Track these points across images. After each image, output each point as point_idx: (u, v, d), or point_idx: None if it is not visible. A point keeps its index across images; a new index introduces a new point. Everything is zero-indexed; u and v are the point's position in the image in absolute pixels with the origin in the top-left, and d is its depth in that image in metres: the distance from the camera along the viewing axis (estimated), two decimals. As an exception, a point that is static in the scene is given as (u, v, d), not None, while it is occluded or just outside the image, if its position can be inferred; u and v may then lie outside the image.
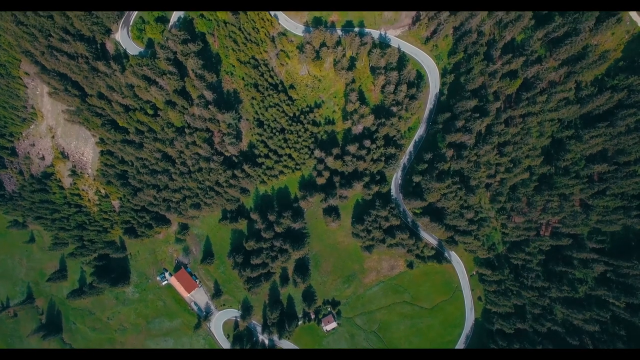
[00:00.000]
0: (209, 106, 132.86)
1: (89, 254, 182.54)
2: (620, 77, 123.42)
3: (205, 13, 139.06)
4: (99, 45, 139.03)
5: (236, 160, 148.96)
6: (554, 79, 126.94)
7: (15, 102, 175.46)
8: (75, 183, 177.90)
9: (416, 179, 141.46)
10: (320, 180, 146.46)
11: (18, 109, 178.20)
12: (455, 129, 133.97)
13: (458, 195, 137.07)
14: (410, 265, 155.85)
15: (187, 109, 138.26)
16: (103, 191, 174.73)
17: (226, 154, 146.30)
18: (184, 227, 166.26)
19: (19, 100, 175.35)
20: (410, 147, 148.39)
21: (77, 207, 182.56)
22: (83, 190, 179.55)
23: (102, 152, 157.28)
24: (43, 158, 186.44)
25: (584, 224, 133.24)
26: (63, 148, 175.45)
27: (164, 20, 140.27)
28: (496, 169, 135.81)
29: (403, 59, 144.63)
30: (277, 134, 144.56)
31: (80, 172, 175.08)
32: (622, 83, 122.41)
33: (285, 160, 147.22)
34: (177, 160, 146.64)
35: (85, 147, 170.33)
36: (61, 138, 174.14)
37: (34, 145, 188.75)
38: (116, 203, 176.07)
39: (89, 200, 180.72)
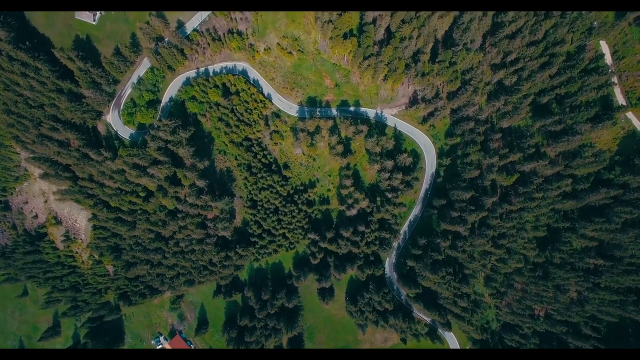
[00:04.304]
0: (201, 195, 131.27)
1: (82, 314, 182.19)
2: (616, 171, 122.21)
3: (196, 95, 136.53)
4: (90, 128, 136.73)
5: (230, 239, 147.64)
6: (550, 174, 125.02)
7: (7, 163, 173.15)
8: (69, 246, 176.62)
9: (410, 263, 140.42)
10: (315, 261, 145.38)
11: (10, 169, 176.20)
12: (451, 218, 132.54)
13: (452, 285, 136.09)
14: (403, 340, 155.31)
15: (178, 193, 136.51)
16: (96, 256, 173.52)
17: (219, 234, 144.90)
18: (178, 297, 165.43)
19: (12, 162, 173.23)
20: (405, 227, 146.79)
21: (71, 268, 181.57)
22: (77, 252, 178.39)
23: (94, 227, 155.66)
24: (36, 216, 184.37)
25: (578, 316, 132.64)
26: (56, 213, 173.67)
27: (155, 103, 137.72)
28: (490, 259, 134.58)
29: (399, 138, 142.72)
30: (270, 215, 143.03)
31: (74, 237, 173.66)
32: (617, 179, 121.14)
33: (279, 240, 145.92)
34: (170, 241, 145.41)
35: (78, 215, 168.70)
36: (54, 203, 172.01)
37: (27, 202, 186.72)
38: (110, 267, 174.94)
39: (82, 262, 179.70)
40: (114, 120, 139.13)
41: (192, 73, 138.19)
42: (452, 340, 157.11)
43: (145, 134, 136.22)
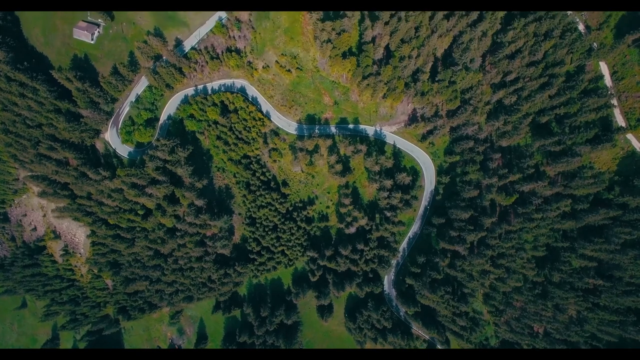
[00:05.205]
0: (200, 214, 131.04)
1: (81, 327, 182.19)
2: (615, 191, 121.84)
3: (195, 113, 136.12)
4: (88, 147, 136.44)
5: (228, 256, 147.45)
6: (550, 194, 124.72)
7: (6, 177, 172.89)
8: (67, 260, 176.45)
9: (409, 281, 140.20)
10: (314, 278, 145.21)
11: (9, 182, 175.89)
12: (450, 238, 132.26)
13: (451, 304, 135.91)
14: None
15: (176, 211, 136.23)
16: (95, 271, 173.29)
17: (218, 251, 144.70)
18: (177, 311, 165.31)
19: (10, 176, 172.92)
20: (404, 244, 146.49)
21: (70, 282, 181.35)
22: (76, 266, 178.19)
23: (93, 243, 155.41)
24: (35, 229, 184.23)
25: (578, 335, 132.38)
26: (55, 227, 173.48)
27: (154, 121, 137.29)
28: (489, 278, 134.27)
29: (399, 155, 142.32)
30: (269, 232, 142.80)
31: (73, 252, 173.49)
32: (617, 199, 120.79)
33: (278, 257, 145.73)
34: (169, 259, 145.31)
35: (77, 230, 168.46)
36: (53, 218, 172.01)
37: (25, 215, 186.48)
38: (109, 282, 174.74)
39: (81, 276, 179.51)
40: (112, 138, 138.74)
41: (190, 91, 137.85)
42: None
43: (144, 152, 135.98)
